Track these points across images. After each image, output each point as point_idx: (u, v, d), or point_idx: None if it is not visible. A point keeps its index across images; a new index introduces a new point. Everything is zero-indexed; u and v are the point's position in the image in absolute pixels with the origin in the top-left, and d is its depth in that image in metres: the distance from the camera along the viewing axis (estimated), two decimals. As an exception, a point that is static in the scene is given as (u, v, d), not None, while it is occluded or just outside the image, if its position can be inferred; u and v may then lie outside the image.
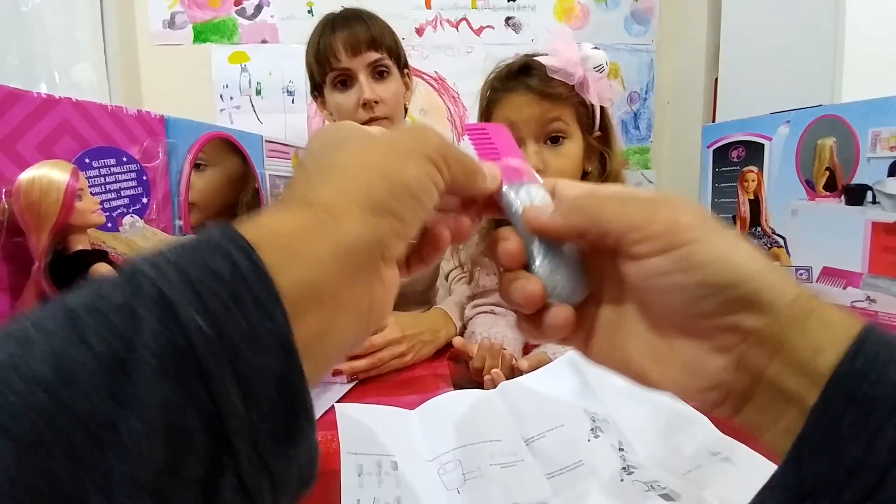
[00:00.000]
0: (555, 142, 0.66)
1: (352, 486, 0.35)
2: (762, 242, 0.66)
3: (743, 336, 0.20)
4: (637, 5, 1.60)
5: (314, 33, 0.92)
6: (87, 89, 1.28)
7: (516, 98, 0.66)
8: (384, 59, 0.90)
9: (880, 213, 0.53)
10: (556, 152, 0.66)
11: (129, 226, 0.39)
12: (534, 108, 0.65)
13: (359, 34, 0.87)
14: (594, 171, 0.70)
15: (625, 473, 0.39)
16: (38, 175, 0.31)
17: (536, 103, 0.65)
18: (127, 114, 0.40)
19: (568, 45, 0.64)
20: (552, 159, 0.66)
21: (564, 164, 0.66)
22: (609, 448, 0.41)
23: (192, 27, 1.47)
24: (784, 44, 1.11)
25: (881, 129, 0.53)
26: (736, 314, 0.20)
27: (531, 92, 0.65)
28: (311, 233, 0.18)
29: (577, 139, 0.67)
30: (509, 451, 0.40)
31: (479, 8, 1.55)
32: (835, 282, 0.58)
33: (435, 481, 0.37)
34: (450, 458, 0.39)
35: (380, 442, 0.40)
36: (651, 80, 1.65)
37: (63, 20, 1.24)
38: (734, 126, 0.68)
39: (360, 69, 0.88)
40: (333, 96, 0.91)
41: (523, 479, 0.37)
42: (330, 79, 0.90)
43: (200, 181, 0.55)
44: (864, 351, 0.18)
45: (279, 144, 0.61)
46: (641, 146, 1.66)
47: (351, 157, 0.20)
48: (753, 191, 0.66)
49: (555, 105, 0.65)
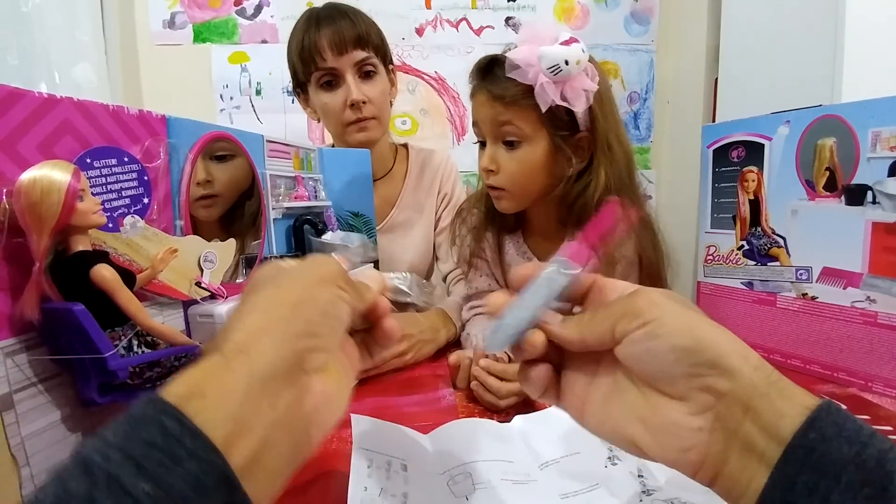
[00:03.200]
0: (510, 145, 0.64)
1: (361, 475, 0.35)
2: (762, 242, 0.66)
3: (716, 397, 0.23)
4: (637, 5, 1.60)
5: (297, 29, 0.88)
6: (87, 89, 1.28)
7: (478, 97, 0.65)
8: (371, 59, 0.87)
9: (880, 213, 0.53)
10: (510, 156, 0.64)
11: (130, 226, 0.39)
12: (487, 110, 0.64)
13: (344, 32, 0.84)
14: (574, 174, 0.65)
15: (644, 496, 0.38)
16: (39, 175, 0.31)
17: (490, 105, 0.63)
18: (128, 114, 0.40)
19: (532, 41, 0.60)
20: (504, 162, 0.65)
21: (515, 168, 0.64)
22: (627, 474, 0.40)
23: (192, 27, 1.47)
24: (784, 44, 1.11)
25: (881, 129, 0.53)
26: (706, 377, 0.24)
27: (487, 93, 0.63)
28: (223, 372, 0.21)
29: (537, 142, 0.63)
30: (521, 472, 0.39)
31: (479, 8, 1.55)
32: (835, 282, 0.58)
33: (443, 490, 0.36)
34: (460, 470, 0.38)
35: (392, 447, 0.40)
36: (651, 80, 1.65)
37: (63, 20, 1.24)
38: (734, 126, 0.68)
39: (346, 68, 0.85)
40: (319, 96, 0.88)
41: (535, 497, 0.37)
42: (315, 78, 0.87)
43: (224, 173, 0.54)
44: (817, 425, 0.21)
45: (280, 144, 0.61)
46: (641, 146, 1.66)
47: (265, 298, 0.25)
48: (753, 191, 0.66)
49: (507, 108, 0.62)
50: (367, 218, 0.77)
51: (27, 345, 0.33)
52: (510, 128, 0.63)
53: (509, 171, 0.65)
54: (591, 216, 0.68)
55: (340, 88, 0.87)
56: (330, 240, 0.64)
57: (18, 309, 0.32)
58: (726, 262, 0.71)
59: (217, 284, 0.47)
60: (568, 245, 0.29)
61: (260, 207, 0.57)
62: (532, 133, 0.63)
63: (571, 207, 0.66)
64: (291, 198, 0.62)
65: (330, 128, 0.93)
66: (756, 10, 1.23)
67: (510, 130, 0.63)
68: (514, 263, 0.75)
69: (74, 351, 0.33)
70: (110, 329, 0.35)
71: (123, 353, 0.36)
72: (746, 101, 1.26)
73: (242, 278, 0.53)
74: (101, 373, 0.34)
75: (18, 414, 0.32)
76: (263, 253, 0.57)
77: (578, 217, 0.65)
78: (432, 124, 1.58)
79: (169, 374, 0.38)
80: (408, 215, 1.00)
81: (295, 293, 0.25)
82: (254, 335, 0.23)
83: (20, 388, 0.33)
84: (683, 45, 1.57)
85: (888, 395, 0.54)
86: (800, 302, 0.62)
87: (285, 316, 0.24)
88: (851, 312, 0.57)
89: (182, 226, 0.45)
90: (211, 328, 0.44)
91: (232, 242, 0.50)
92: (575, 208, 0.65)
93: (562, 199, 0.66)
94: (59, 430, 0.35)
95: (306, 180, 0.65)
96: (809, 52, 1.03)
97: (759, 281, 0.67)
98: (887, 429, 0.47)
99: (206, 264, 0.46)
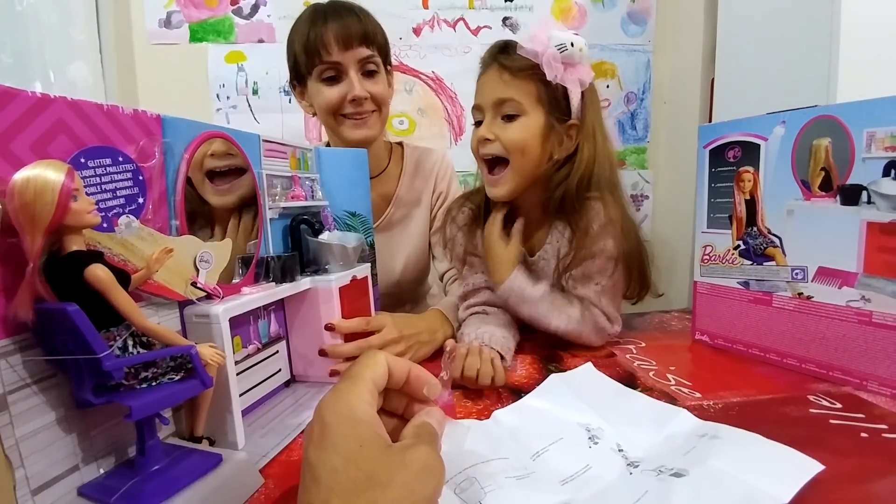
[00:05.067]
0: (508, 119, 0.69)
1: None
2: (758, 242, 0.66)
3: None
4: (634, 6, 1.61)
5: (302, 21, 0.88)
6: (83, 88, 1.27)
7: (486, 71, 0.71)
8: (375, 57, 0.89)
9: (875, 213, 0.54)
10: (507, 125, 0.69)
11: (124, 226, 0.39)
12: (493, 83, 0.69)
13: (352, 28, 0.85)
14: (560, 159, 0.70)
15: (632, 468, 0.40)
16: (32, 175, 0.31)
17: (497, 76, 0.69)
18: (123, 113, 0.40)
19: (542, 27, 0.68)
20: (500, 131, 0.69)
21: (512, 135, 0.69)
22: (609, 451, 0.43)
23: (189, 26, 1.47)
24: (780, 45, 1.12)
25: (876, 130, 0.53)
26: None
27: (497, 65, 0.69)
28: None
29: (533, 116, 0.68)
30: (520, 466, 0.41)
31: (476, 8, 1.55)
32: (830, 281, 0.58)
33: (455, 500, 0.37)
34: (463, 477, 0.38)
35: None
36: (648, 81, 1.65)
37: (58, 19, 1.23)
38: (730, 126, 0.68)
39: (350, 64, 0.86)
40: (319, 89, 0.88)
41: (541, 488, 0.38)
42: (317, 71, 0.87)
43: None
44: None
45: (276, 144, 0.61)
46: (638, 146, 1.67)
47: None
48: (749, 191, 0.66)
49: (513, 78, 0.68)
50: (364, 218, 0.77)
51: (21, 346, 0.33)
52: (512, 103, 0.68)
53: (506, 137, 0.69)
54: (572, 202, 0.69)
55: (342, 83, 0.87)
56: (327, 240, 0.63)
57: (12, 309, 0.32)
58: (722, 261, 0.71)
59: (213, 285, 0.47)
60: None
61: (255, 205, 0.57)
62: (530, 108, 0.68)
63: (553, 193, 0.70)
64: (288, 197, 0.62)
65: (324, 121, 0.93)
66: (752, 12, 1.23)
67: (513, 107, 0.68)
68: None
69: (69, 351, 0.33)
70: (105, 329, 0.35)
71: (118, 353, 0.35)
72: (742, 102, 1.26)
73: (239, 278, 0.53)
74: (96, 373, 0.34)
75: (12, 415, 0.32)
76: (260, 253, 0.56)
77: (560, 203, 0.70)
78: (430, 124, 1.58)
79: (164, 375, 0.38)
80: (403, 213, 1.00)
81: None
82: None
83: (14, 389, 0.32)
84: (680, 46, 1.58)
85: (883, 393, 0.55)
86: (795, 301, 0.62)
87: None
88: (846, 312, 0.57)
89: (177, 226, 0.45)
90: (207, 329, 0.44)
91: (228, 242, 0.50)
92: (556, 194, 0.70)
93: (545, 187, 0.71)
94: (53, 432, 0.35)
95: (303, 180, 0.65)
96: (805, 53, 1.04)
97: (755, 280, 0.67)
98: (882, 427, 0.47)
99: (202, 264, 0.46)
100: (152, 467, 0.37)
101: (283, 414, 0.54)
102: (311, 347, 0.61)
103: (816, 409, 0.52)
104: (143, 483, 0.36)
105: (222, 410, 0.45)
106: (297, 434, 0.50)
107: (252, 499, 0.40)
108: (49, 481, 0.34)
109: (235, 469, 0.40)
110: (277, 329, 0.60)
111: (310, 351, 0.61)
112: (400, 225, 1.01)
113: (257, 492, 0.40)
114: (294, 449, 0.47)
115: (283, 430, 0.50)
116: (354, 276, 0.65)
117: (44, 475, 0.34)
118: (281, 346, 0.61)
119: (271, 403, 0.57)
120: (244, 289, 0.52)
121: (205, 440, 0.44)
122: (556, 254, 0.74)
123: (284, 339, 0.62)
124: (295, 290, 0.58)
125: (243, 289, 0.51)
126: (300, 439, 0.49)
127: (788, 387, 0.58)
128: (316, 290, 0.60)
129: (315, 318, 0.61)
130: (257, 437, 0.49)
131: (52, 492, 0.34)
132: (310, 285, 0.60)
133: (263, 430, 0.51)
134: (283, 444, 0.48)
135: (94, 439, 0.38)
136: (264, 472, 0.43)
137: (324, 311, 0.60)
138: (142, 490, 0.35)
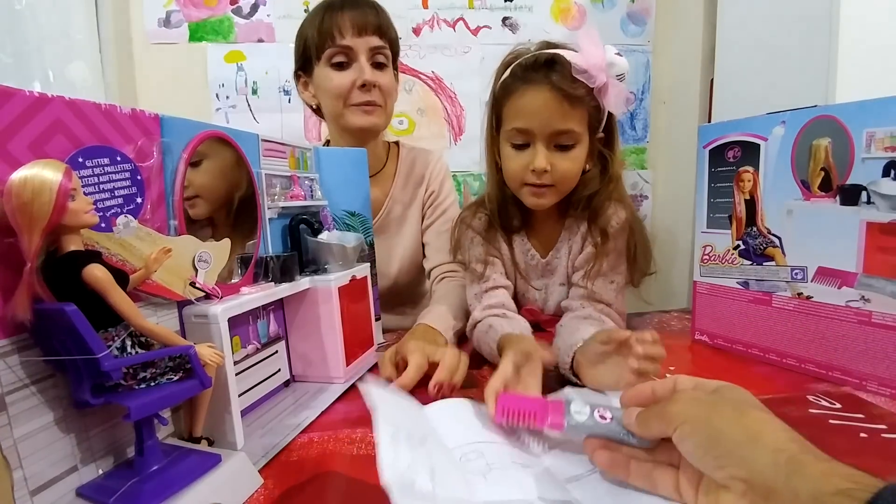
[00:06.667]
0: (563, 149, 0.67)
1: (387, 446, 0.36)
2: (758, 242, 0.66)
3: (745, 484, 0.28)
4: (633, 6, 1.61)
5: (317, 11, 0.89)
6: (82, 88, 1.27)
7: (537, 92, 0.65)
8: (385, 49, 0.90)
9: (875, 213, 0.54)
10: (564, 156, 0.68)
11: (122, 226, 0.39)
12: (551, 108, 0.64)
13: (368, 17, 0.87)
14: (594, 170, 0.72)
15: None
16: (30, 175, 0.31)
17: (556, 102, 0.64)
18: (121, 112, 0.40)
19: (596, 46, 0.64)
20: (559, 162, 0.67)
21: (568, 166, 0.68)
22: None
23: (188, 26, 1.47)
24: (779, 45, 1.12)
25: (875, 130, 0.53)
26: (728, 467, 0.29)
27: (553, 89, 0.64)
28: None
29: (584, 143, 0.68)
30: (529, 456, 0.41)
31: (476, 8, 1.55)
32: (829, 281, 0.58)
33: (461, 467, 0.38)
34: (471, 448, 0.40)
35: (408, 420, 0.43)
36: (647, 81, 1.65)
37: (57, 18, 1.23)
38: (730, 126, 0.68)
39: (361, 50, 0.87)
40: (327, 73, 0.88)
41: (545, 480, 0.39)
42: (327, 55, 0.87)
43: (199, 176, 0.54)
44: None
45: (276, 143, 0.60)
46: (638, 146, 1.67)
47: None
48: (749, 191, 0.66)
49: (573, 107, 0.64)
50: (364, 217, 0.77)
51: (19, 346, 0.33)
52: (571, 134, 0.66)
53: (562, 169, 0.68)
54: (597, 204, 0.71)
55: (352, 69, 0.88)
56: (326, 239, 0.63)
57: (10, 310, 0.32)
58: (722, 261, 0.71)
59: (212, 285, 0.47)
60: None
61: (254, 204, 0.56)
62: (583, 136, 0.68)
63: (579, 195, 0.72)
64: (287, 197, 0.62)
65: (330, 108, 0.93)
66: (752, 12, 1.23)
67: (570, 136, 0.66)
68: (519, 261, 0.79)
69: (67, 352, 0.33)
70: (103, 330, 0.35)
71: (117, 353, 0.35)
72: (742, 102, 1.26)
73: (238, 279, 0.53)
74: (95, 374, 0.33)
75: (11, 416, 0.32)
76: (259, 252, 0.56)
77: (576, 207, 0.73)
78: (429, 124, 1.58)
79: (163, 375, 0.38)
80: (399, 213, 1.01)
81: None
82: None
83: (12, 389, 0.32)
84: (680, 46, 1.58)
85: (882, 393, 0.55)
86: (795, 301, 0.62)
87: None
88: (846, 312, 0.57)
89: (176, 225, 0.44)
90: (206, 329, 0.44)
91: (227, 242, 0.50)
92: (573, 199, 0.73)
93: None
94: (52, 433, 0.34)
95: (302, 180, 0.65)
96: (805, 53, 1.04)
97: (755, 280, 0.67)
98: (882, 427, 0.47)
99: (201, 264, 0.46)
100: (151, 468, 0.37)
101: (282, 414, 0.54)
102: (310, 347, 0.61)
103: (816, 409, 0.52)
104: (141, 483, 0.36)
105: (221, 411, 0.45)
106: (296, 434, 0.50)
107: (251, 499, 0.40)
108: (47, 482, 0.34)
109: (234, 469, 0.40)
110: (277, 329, 0.60)
111: (309, 351, 0.61)
112: (396, 224, 1.01)
113: (256, 492, 0.40)
114: (293, 449, 0.47)
115: (282, 430, 0.50)
116: (354, 276, 0.65)
117: (42, 476, 0.34)
118: (280, 346, 0.61)
119: (270, 403, 0.57)
120: (243, 289, 0.51)
121: (204, 440, 0.44)
122: (568, 251, 0.75)
123: (284, 339, 0.62)
124: (294, 290, 0.58)
125: (242, 289, 0.51)
126: (300, 439, 0.49)
127: (788, 387, 0.58)
128: (315, 290, 0.60)
129: (314, 318, 0.61)
130: (256, 437, 0.49)
131: (51, 493, 0.34)
132: (309, 285, 0.60)
133: (263, 430, 0.50)
134: (283, 445, 0.47)
135: (93, 440, 0.37)
136: (263, 472, 0.43)
137: (323, 310, 0.60)
138: (141, 490, 0.35)
